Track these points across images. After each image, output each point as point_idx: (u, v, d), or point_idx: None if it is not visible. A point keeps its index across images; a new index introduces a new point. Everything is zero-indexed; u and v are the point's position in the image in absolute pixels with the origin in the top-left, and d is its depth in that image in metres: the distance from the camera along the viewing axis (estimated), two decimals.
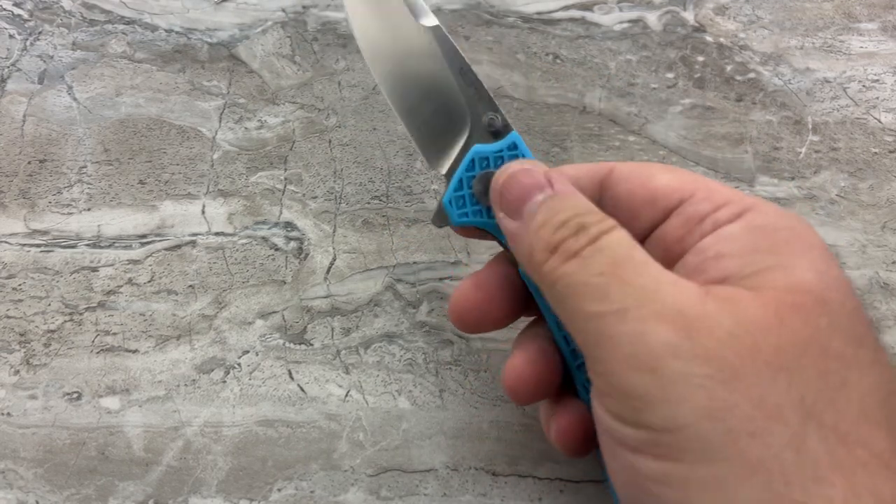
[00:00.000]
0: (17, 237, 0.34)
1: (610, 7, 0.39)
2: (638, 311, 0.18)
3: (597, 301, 0.19)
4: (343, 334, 0.32)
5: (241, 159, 0.36)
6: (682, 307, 0.18)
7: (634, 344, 0.18)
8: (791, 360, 0.17)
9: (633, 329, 0.18)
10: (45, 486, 0.29)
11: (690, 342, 0.17)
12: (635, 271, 0.19)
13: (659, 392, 0.17)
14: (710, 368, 0.17)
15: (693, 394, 0.17)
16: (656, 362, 0.18)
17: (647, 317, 0.18)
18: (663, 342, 0.18)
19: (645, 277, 0.19)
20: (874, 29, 0.39)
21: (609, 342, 0.18)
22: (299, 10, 0.39)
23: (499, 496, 0.29)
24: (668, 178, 0.23)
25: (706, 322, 0.18)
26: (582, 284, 0.19)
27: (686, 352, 0.17)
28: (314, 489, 0.29)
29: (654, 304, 0.18)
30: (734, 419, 0.17)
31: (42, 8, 0.39)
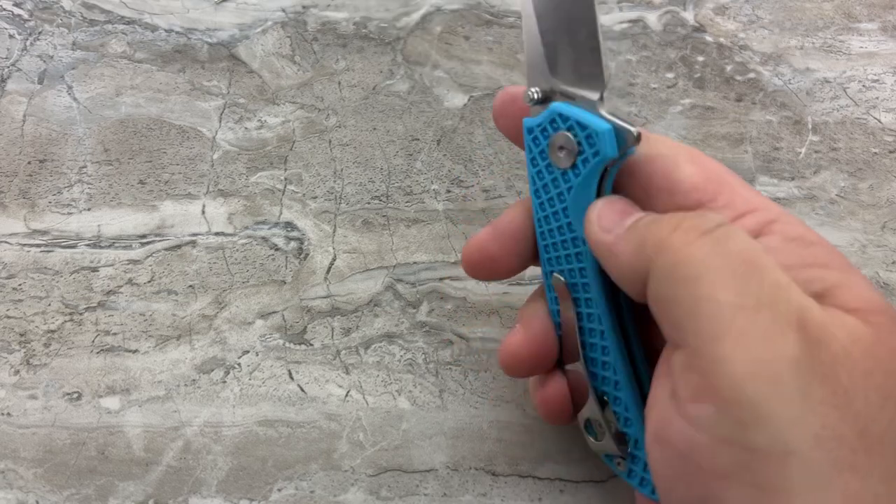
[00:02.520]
0: (18, 237, 0.34)
1: (610, 7, 0.39)
2: (773, 309, 0.16)
3: (733, 290, 0.17)
4: (343, 334, 0.32)
5: (242, 159, 0.36)
6: (808, 315, 0.17)
7: (765, 348, 0.16)
8: None
9: (766, 329, 0.16)
10: (45, 486, 0.29)
11: (811, 357, 0.16)
12: (772, 265, 0.17)
13: (778, 407, 0.16)
14: (825, 390, 0.16)
15: (809, 416, 0.16)
16: (783, 373, 0.16)
17: (781, 318, 0.16)
18: (791, 353, 0.16)
19: (776, 273, 0.17)
20: (874, 29, 0.39)
21: (736, 339, 0.16)
22: (299, 10, 0.39)
23: (499, 496, 0.29)
24: (691, 171, 0.21)
25: (826, 334, 0.16)
26: (719, 269, 0.17)
27: (807, 368, 0.16)
28: (314, 489, 0.29)
29: (787, 306, 0.17)
30: (841, 450, 0.15)
31: (42, 8, 0.39)
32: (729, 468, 0.16)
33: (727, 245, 0.18)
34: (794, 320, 0.16)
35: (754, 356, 0.16)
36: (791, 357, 0.16)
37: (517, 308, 0.32)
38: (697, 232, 0.18)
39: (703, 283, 0.17)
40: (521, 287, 0.33)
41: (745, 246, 0.18)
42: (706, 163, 0.22)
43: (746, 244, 0.18)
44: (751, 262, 0.17)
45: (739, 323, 0.16)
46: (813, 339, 0.16)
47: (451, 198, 0.35)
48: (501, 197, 0.35)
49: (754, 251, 0.18)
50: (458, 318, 0.32)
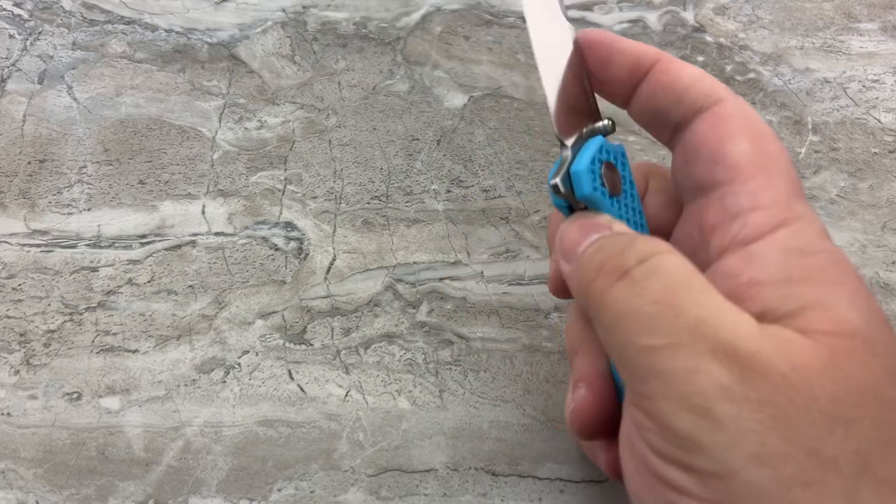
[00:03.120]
0: (18, 237, 0.34)
1: (610, 7, 0.39)
2: (691, 347, 0.17)
3: (648, 333, 0.18)
4: (343, 334, 0.32)
5: (241, 159, 0.36)
6: (737, 345, 0.17)
7: (687, 383, 0.17)
8: (848, 410, 0.16)
9: (685, 366, 0.17)
10: (45, 486, 0.29)
11: (743, 385, 0.16)
12: (692, 300, 0.18)
13: (709, 435, 0.16)
14: (762, 414, 0.16)
15: (744, 439, 0.16)
16: (709, 404, 0.16)
17: (701, 353, 0.17)
18: (716, 384, 0.16)
19: (702, 308, 0.18)
20: (874, 29, 0.39)
21: (659, 379, 0.17)
22: (299, 10, 0.39)
23: (499, 496, 0.29)
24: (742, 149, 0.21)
25: (761, 363, 0.17)
26: (632, 313, 0.18)
27: (739, 395, 0.16)
28: (314, 489, 0.29)
29: (710, 341, 0.17)
30: (787, 468, 0.16)
31: (42, 8, 0.39)
32: (682, 484, 0.17)
33: (644, 286, 0.18)
34: (721, 351, 0.17)
35: (678, 392, 0.17)
36: (718, 387, 0.17)
37: (517, 308, 0.32)
38: (616, 274, 0.19)
39: (620, 330, 0.18)
40: (521, 287, 0.33)
41: (664, 284, 0.18)
42: (765, 145, 0.21)
43: (666, 282, 0.18)
44: (666, 301, 0.18)
45: (659, 364, 0.17)
46: (745, 368, 0.17)
47: (451, 198, 0.35)
48: (501, 197, 0.35)
49: (673, 289, 0.18)
50: (457, 318, 0.32)
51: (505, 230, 0.34)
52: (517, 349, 0.31)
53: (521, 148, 0.35)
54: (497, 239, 0.34)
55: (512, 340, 0.32)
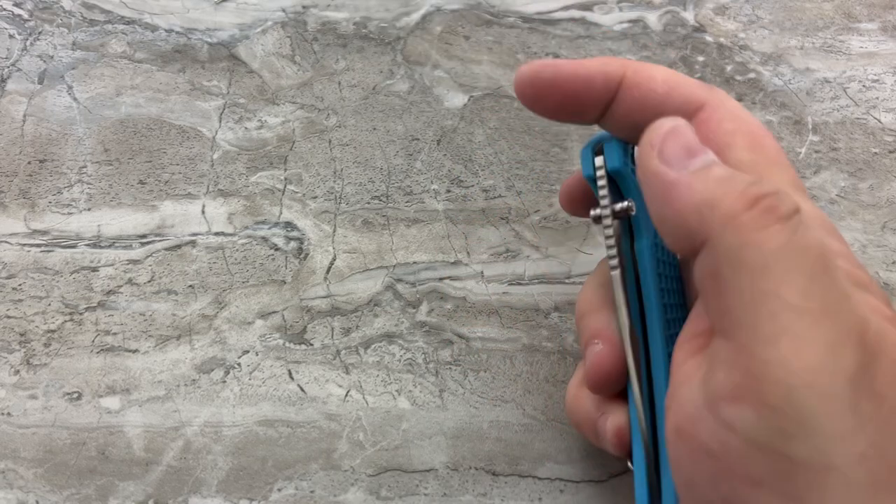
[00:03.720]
0: (18, 237, 0.34)
1: (610, 7, 0.39)
2: (837, 318, 0.15)
3: (802, 293, 0.16)
4: (343, 334, 0.32)
5: (241, 159, 0.36)
6: (865, 325, 0.16)
7: (822, 358, 0.15)
8: None
9: (827, 340, 0.15)
10: (45, 486, 0.29)
11: (865, 372, 0.15)
12: (838, 268, 0.16)
13: (826, 423, 0.15)
14: (874, 406, 0.15)
15: (857, 435, 0.15)
16: (837, 388, 0.15)
17: (843, 328, 0.15)
18: (848, 367, 0.15)
19: (843, 280, 0.16)
20: (874, 29, 0.39)
21: (792, 344, 0.15)
22: (299, 10, 0.39)
23: (499, 496, 0.29)
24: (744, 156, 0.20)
25: (881, 348, 0.16)
26: (788, 264, 0.16)
27: (862, 383, 0.15)
28: (314, 489, 0.29)
29: (850, 315, 0.16)
30: (881, 470, 0.15)
31: (42, 8, 0.39)
32: (762, 475, 0.15)
33: (803, 239, 0.16)
34: (856, 332, 0.16)
35: (811, 365, 0.15)
36: (848, 371, 0.15)
37: (517, 308, 0.32)
38: (774, 216, 0.16)
39: (771, 277, 0.16)
40: (520, 287, 0.33)
41: (819, 243, 0.16)
42: (766, 147, 0.20)
43: (820, 241, 0.16)
44: (823, 262, 0.16)
45: (801, 326, 0.15)
46: (869, 354, 0.15)
47: (451, 198, 0.35)
48: (501, 197, 0.35)
49: (827, 251, 0.16)
50: (457, 317, 0.32)
51: (505, 230, 0.34)
52: (517, 349, 0.31)
53: (521, 148, 0.35)
54: (497, 239, 0.34)
55: (512, 340, 0.32)
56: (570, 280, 0.33)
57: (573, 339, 0.32)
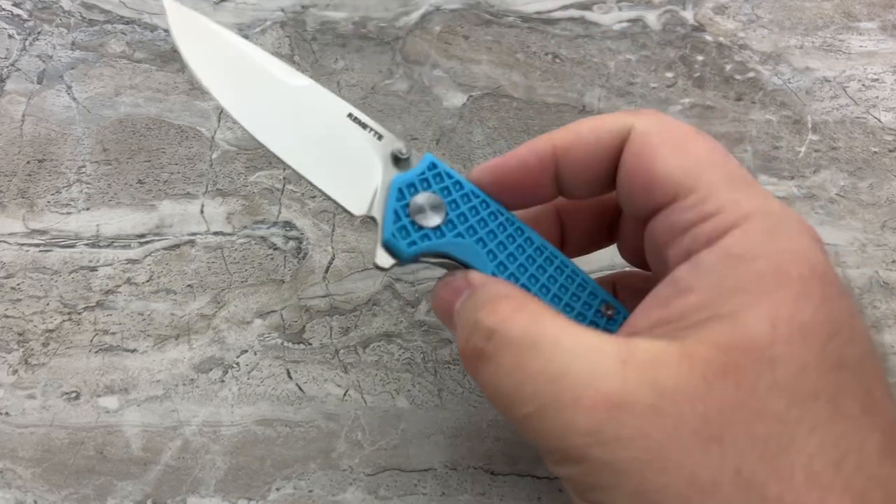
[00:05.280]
0: (16, 237, 0.34)
1: (609, 6, 0.39)
2: (554, 404, 0.17)
3: (515, 405, 0.18)
4: (341, 333, 0.32)
5: (240, 159, 0.36)
6: (598, 386, 0.17)
7: (559, 439, 0.17)
8: (720, 429, 0.16)
9: (553, 425, 0.17)
10: (44, 486, 0.29)
11: (611, 424, 0.16)
12: (545, 359, 0.18)
13: (590, 480, 0.17)
14: (634, 451, 0.16)
15: (622, 480, 0.16)
16: (581, 453, 0.17)
17: (565, 407, 0.17)
18: (584, 431, 0.17)
19: (556, 360, 0.18)
20: (874, 28, 0.39)
21: (538, 439, 0.18)
22: (298, 10, 0.39)
23: (497, 495, 0.29)
24: (673, 163, 0.20)
25: (626, 398, 0.17)
26: (498, 391, 0.19)
27: (609, 437, 0.16)
28: (312, 488, 0.29)
29: (570, 389, 0.17)
30: (668, 500, 0.16)
31: (41, 8, 0.39)
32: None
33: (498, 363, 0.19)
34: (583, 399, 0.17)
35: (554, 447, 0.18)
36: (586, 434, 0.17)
37: None
38: (474, 358, 0.19)
39: (498, 406, 0.19)
40: None
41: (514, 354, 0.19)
42: (693, 150, 0.20)
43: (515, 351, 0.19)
44: (521, 371, 0.18)
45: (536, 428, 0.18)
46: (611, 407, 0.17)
47: None
48: None
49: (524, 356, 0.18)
50: None
51: None
52: None
53: None
54: None
55: None
56: None
57: None
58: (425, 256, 0.23)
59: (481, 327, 0.19)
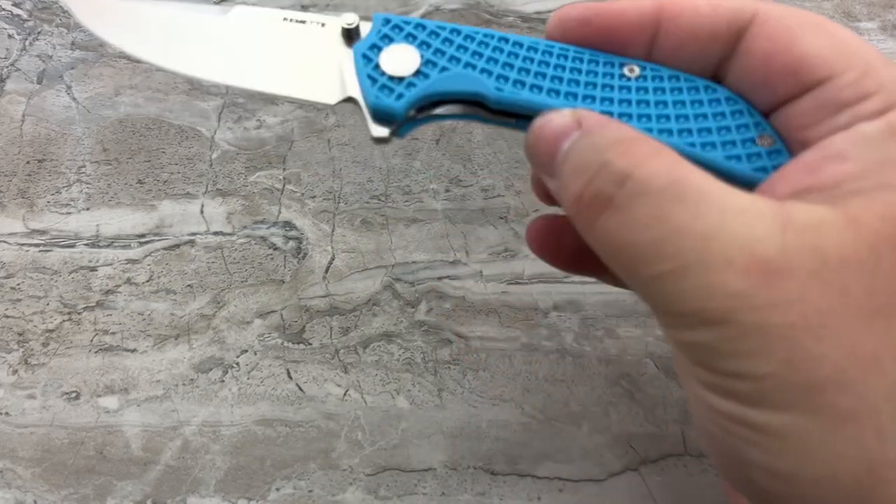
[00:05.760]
0: (16, 237, 0.34)
1: None
2: (700, 264, 0.15)
3: (648, 262, 0.16)
4: (341, 333, 0.32)
5: (240, 159, 0.36)
6: (754, 248, 0.15)
7: (700, 300, 0.15)
8: (888, 303, 0.15)
9: (695, 285, 0.16)
10: (44, 486, 0.29)
11: (768, 288, 0.15)
12: (691, 214, 0.16)
13: (732, 345, 0.15)
14: (791, 317, 0.15)
15: (772, 346, 0.15)
16: (727, 315, 0.15)
17: (713, 267, 0.15)
18: (734, 293, 0.15)
19: (705, 216, 0.16)
20: (874, 28, 0.39)
21: (672, 302, 0.16)
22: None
23: (497, 495, 0.29)
24: (819, 44, 0.18)
25: (786, 262, 0.15)
26: (626, 245, 0.16)
27: (763, 301, 0.15)
28: (312, 488, 0.29)
29: (721, 251, 0.15)
30: (821, 370, 0.15)
31: (41, 8, 0.39)
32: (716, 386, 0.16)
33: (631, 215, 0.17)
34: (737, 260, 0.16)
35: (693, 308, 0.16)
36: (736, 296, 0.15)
37: (516, 307, 0.32)
38: (598, 206, 0.17)
39: (621, 264, 0.17)
40: (519, 286, 0.33)
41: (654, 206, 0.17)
42: (837, 32, 0.19)
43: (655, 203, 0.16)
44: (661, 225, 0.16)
45: (670, 289, 0.16)
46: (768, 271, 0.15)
47: (450, 197, 0.35)
48: (500, 196, 0.34)
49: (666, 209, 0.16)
50: (456, 317, 0.32)
51: (504, 229, 0.34)
52: (516, 348, 0.31)
53: (519, 147, 0.35)
54: (496, 238, 0.34)
55: (511, 339, 0.32)
56: (569, 279, 0.33)
57: (572, 339, 0.32)
58: (424, 110, 0.21)
59: (612, 170, 0.17)
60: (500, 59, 0.20)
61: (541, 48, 0.21)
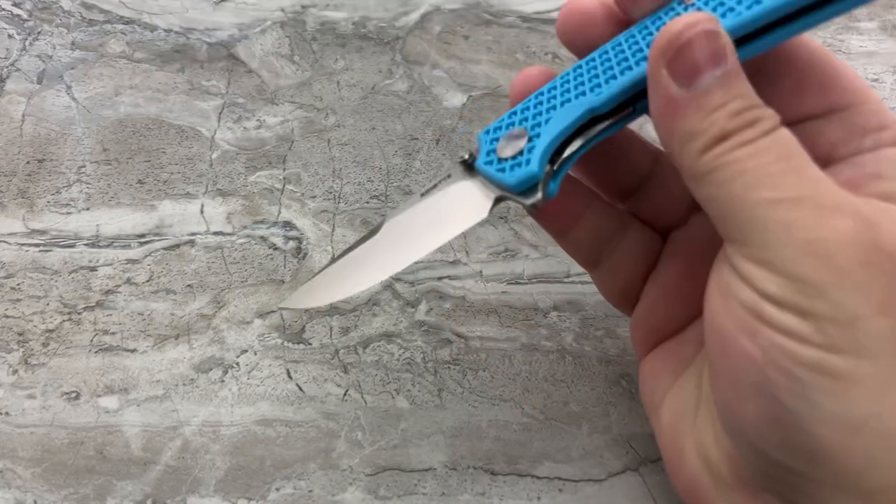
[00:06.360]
0: (16, 237, 0.34)
1: None
2: (816, 200, 0.17)
3: (772, 188, 0.17)
4: (341, 333, 0.32)
5: (240, 159, 0.36)
6: (856, 204, 0.17)
7: (813, 230, 0.17)
8: None
9: (811, 216, 0.17)
10: (43, 486, 0.29)
11: (872, 234, 0.17)
12: (810, 166, 0.18)
13: (835, 279, 0.16)
14: (887, 263, 0.16)
15: (872, 284, 0.16)
16: (836, 249, 0.17)
17: (827, 206, 0.17)
18: (843, 230, 0.17)
19: (819, 174, 0.18)
20: (874, 28, 0.39)
21: (782, 228, 0.17)
22: (298, 10, 0.39)
23: (497, 495, 0.29)
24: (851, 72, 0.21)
25: (885, 218, 0.17)
26: (755, 170, 0.18)
27: (868, 242, 0.17)
28: (312, 488, 0.29)
29: (832, 199, 0.17)
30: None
31: (41, 8, 0.39)
32: (796, 328, 0.17)
33: (766, 151, 0.18)
34: (847, 208, 0.17)
35: (802, 239, 0.17)
36: (844, 235, 0.17)
37: (516, 307, 0.32)
38: (739, 143, 0.18)
39: (740, 185, 0.18)
40: (519, 286, 0.33)
41: (788, 151, 0.18)
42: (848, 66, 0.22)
43: (789, 150, 0.18)
44: (790, 164, 0.18)
45: (782, 214, 0.17)
46: (873, 222, 0.17)
47: None
48: None
49: (798, 157, 0.18)
50: (456, 317, 0.32)
51: (504, 229, 0.34)
52: (516, 348, 0.31)
53: None
54: (496, 238, 0.34)
55: (511, 339, 0.32)
56: (569, 279, 0.33)
57: (572, 339, 0.32)
58: (556, 160, 0.22)
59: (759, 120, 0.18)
60: (583, 78, 0.22)
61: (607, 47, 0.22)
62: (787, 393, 0.17)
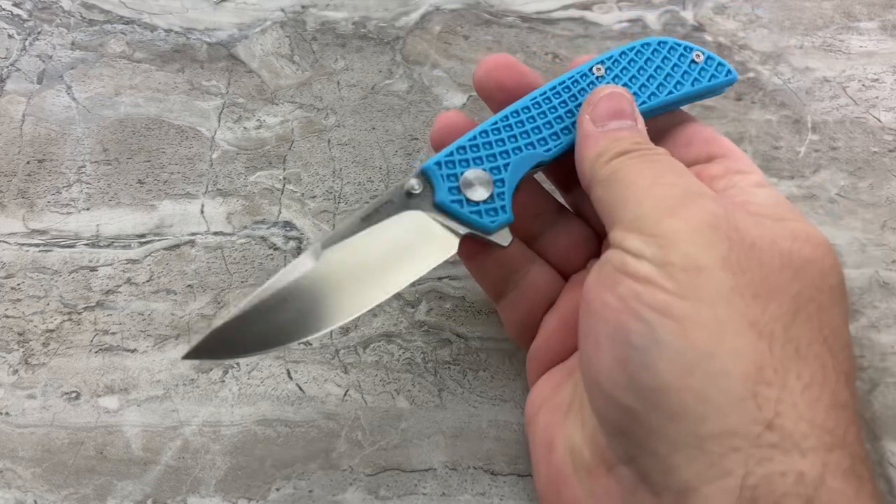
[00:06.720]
0: (16, 237, 0.34)
1: (609, 6, 0.39)
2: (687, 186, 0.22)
3: (654, 177, 0.22)
4: (341, 333, 0.32)
5: (240, 159, 0.36)
6: (718, 195, 0.23)
7: (679, 200, 0.21)
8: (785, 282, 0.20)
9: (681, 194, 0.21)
10: (44, 486, 0.29)
11: (724, 212, 0.21)
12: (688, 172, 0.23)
13: (688, 236, 0.20)
14: (733, 236, 0.20)
15: (718, 244, 0.20)
16: (693, 214, 0.21)
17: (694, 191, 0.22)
18: (703, 205, 0.21)
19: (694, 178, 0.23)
20: (874, 28, 0.39)
21: (656, 200, 0.21)
22: (298, 10, 0.39)
23: (497, 495, 0.29)
24: (706, 129, 0.27)
25: (740, 209, 0.22)
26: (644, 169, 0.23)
27: (720, 213, 0.20)
28: (313, 488, 0.29)
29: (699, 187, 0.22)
30: (745, 278, 0.19)
31: (41, 8, 0.39)
32: (651, 275, 0.20)
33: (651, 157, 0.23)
34: (708, 193, 0.22)
35: (669, 206, 0.21)
36: (703, 206, 0.21)
37: None
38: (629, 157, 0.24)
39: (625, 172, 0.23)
40: None
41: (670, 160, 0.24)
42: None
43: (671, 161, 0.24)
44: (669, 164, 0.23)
45: (654, 189, 0.22)
46: (724, 204, 0.21)
47: None
48: None
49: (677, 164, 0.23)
50: (456, 317, 0.32)
51: None
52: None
53: None
54: None
55: (510, 339, 0.32)
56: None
57: None
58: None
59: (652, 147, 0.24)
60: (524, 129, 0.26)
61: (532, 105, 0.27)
62: (636, 335, 0.20)
